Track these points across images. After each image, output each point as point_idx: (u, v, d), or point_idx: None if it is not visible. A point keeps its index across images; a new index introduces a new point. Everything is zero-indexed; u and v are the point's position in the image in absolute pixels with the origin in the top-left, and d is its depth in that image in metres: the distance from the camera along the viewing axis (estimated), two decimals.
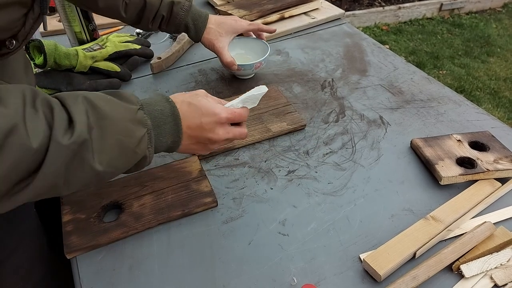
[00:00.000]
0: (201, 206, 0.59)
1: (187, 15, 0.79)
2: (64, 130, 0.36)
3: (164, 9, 0.78)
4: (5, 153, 0.32)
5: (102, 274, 0.52)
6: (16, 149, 0.33)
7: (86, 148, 0.38)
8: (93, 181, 0.41)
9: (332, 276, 0.52)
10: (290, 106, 0.78)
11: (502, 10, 3.41)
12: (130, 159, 0.43)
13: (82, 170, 0.38)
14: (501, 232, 0.55)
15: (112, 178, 0.44)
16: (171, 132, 0.48)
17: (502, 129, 0.74)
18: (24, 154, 0.34)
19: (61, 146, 0.35)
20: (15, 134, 0.33)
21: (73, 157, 0.37)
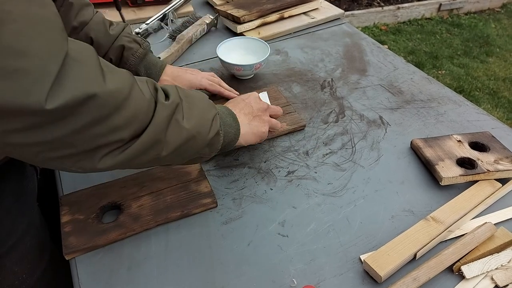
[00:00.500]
0: (201, 207, 0.59)
1: (139, 63, 0.74)
2: (163, 96, 0.45)
3: (113, 52, 0.72)
4: (130, 101, 0.40)
5: (100, 275, 0.52)
6: (137, 98, 0.41)
7: (178, 111, 0.46)
8: (183, 144, 0.47)
9: (332, 277, 0.52)
10: (290, 106, 0.78)
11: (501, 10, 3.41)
12: (209, 130, 0.50)
13: (176, 129, 0.46)
14: (502, 233, 0.55)
15: (194, 149, 0.50)
16: (231, 124, 0.57)
17: (502, 130, 0.74)
18: (141, 103, 0.42)
19: (164, 104, 0.44)
20: (134, 88, 0.41)
21: (171, 116, 0.45)
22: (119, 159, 0.42)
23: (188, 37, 0.99)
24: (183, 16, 1.14)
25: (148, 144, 0.43)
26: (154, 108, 0.43)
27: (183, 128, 0.46)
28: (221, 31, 1.09)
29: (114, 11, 1.12)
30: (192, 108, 0.49)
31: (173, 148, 0.46)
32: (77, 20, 0.69)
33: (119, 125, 0.39)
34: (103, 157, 0.40)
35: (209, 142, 0.51)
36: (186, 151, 0.49)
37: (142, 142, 0.42)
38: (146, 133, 0.42)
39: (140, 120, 0.42)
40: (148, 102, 0.43)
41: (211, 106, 0.53)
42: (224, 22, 1.09)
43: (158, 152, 0.45)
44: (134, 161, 0.43)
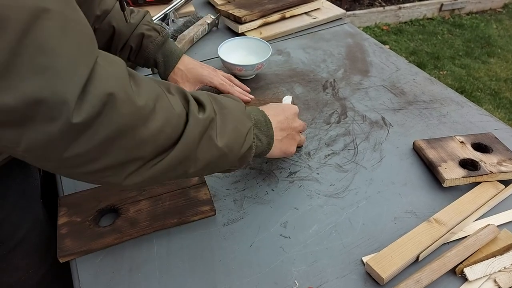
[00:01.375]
0: (198, 214, 0.58)
1: (158, 50, 0.76)
2: (197, 109, 0.43)
3: (134, 40, 0.74)
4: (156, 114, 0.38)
5: (101, 277, 0.52)
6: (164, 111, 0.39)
7: (212, 127, 0.44)
8: (213, 161, 0.45)
9: (335, 279, 0.51)
10: None
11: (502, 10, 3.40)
12: (241, 146, 0.48)
13: (208, 146, 0.43)
14: (505, 235, 0.55)
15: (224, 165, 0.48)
16: (266, 134, 0.54)
17: (505, 131, 0.73)
18: (169, 116, 0.39)
19: (198, 119, 0.42)
20: (162, 100, 0.39)
21: (204, 131, 0.43)
22: (145, 176, 0.40)
23: (189, 37, 0.99)
24: (184, 16, 1.14)
25: (177, 161, 0.41)
26: (185, 122, 0.41)
27: (215, 146, 0.44)
28: (222, 31, 1.09)
29: None
30: (226, 122, 0.46)
31: (203, 165, 0.44)
32: (100, 8, 0.70)
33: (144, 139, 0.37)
34: (129, 175, 0.39)
35: (241, 157, 0.49)
36: (216, 168, 0.47)
37: (172, 158, 0.40)
38: (176, 149, 0.40)
39: (167, 134, 0.39)
40: (177, 116, 0.40)
41: (246, 118, 0.50)
42: (226, 22, 1.09)
43: (186, 169, 0.43)
44: (161, 177, 0.42)
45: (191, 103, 0.43)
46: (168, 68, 0.77)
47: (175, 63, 0.77)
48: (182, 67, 0.78)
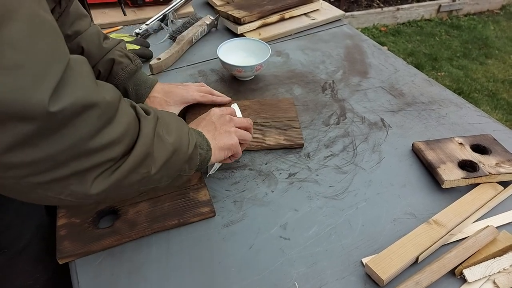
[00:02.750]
0: (198, 216, 0.58)
1: (129, 79, 0.71)
2: (142, 112, 0.45)
3: (103, 65, 0.69)
4: (121, 114, 0.39)
5: (100, 279, 0.51)
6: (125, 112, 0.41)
7: (159, 125, 0.46)
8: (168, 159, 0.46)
9: (334, 281, 0.51)
10: (296, 122, 0.74)
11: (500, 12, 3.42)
12: (188, 143, 0.50)
13: (161, 144, 0.45)
14: (504, 237, 0.55)
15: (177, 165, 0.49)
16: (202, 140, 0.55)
17: (503, 132, 0.74)
18: (130, 117, 0.41)
19: (147, 118, 0.44)
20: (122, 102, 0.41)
21: (154, 129, 0.45)
22: (111, 180, 0.39)
23: (189, 38, 0.99)
24: (183, 16, 1.14)
25: (139, 160, 0.42)
26: (139, 123, 0.43)
27: (167, 142, 0.46)
28: (221, 32, 1.09)
29: (113, 11, 1.12)
30: (169, 124, 0.48)
31: (161, 164, 0.45)
32: (72, 29, 0.67)
33: (113, 140, 0.38)
34: (95, 179, 0.38)
35: (189, 156, 0.50)
36: (171, 167, 0.48)
37: (134, 157, 0.41)
38: (136, 148, 0.41)
39: (131, 134, 0.41)
40: (134, 116, 0.43)
41: (183, 122, 0.52)
42: (225, 23, 1.09)
43: (148, 169, 0.44)
44: (125, 181, 0.41)
45: (137, 107, 0.45)
46: (140, 97, 0.73)
47: (148, 91, 0.73)
48: (158, 94, 0.74)
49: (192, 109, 0.77)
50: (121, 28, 1.10)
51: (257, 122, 0.74)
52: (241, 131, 0.62)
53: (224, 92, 0.85)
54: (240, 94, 0.84)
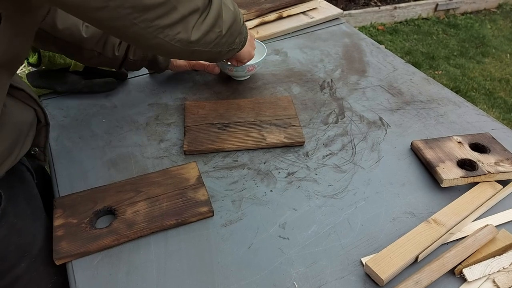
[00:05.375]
0: (196, 215, 0.58)
1: None
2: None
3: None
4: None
5: (98, 279, 0.51)
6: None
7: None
8: (231, 24, 0.58)
9: (334, 280, 0.51)
10: (296, 120, 0.74)
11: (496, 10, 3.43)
12: (240, 17, 0.62)
13: (226, 10, 0.56)
14: (503, 235, 0.55)
15: (235, 32, 0.61)
16: (244, 26, 0.65)
17: (502, 131, 0.74)
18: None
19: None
20: None
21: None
22: (202, 30, 0.52)
23: None
24: None
25: (215, 17, 0.53)
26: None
27: (229, 9, 0.57)
28: None
29: None
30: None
31: (227, 26, 0.56)
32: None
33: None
34: (193, 28, 0.51)
35: (241, 29, 0.61)
36: (232, 34, 0.59)
37: (212, 14, 0.53)
38: (213, 6, 0.53)
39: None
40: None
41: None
42: None
43: (220, 28, 0.55)
44: (207, 37, 0.54)
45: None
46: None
47: None
48: None
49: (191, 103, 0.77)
50: None
51: (256, 121, 0.74)
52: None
53: (222, 90, 0.85)
54: (238, 93, 0.84)
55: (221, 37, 0.56)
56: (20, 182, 0.58)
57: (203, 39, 0.53)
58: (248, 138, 0.71)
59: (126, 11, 0.44)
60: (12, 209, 0.54)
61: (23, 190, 0.58)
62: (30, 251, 0.56)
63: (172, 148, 0.70)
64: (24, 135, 0.54)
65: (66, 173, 0.66)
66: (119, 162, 0.68)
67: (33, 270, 0.56)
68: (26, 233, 0.55)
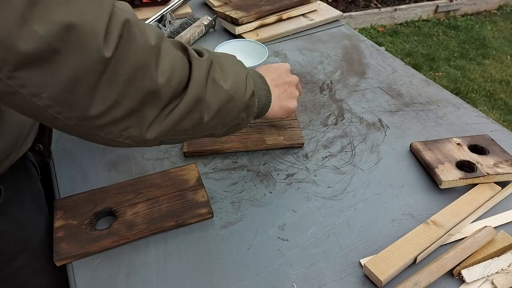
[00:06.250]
0: (196, 217, 0.58)
1: None
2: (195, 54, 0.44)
3: None
4: (163, 54, 0.38)
5: (98, 281, 0.51)
6: (169, 52, 0.39)
7: (213, 69, 0.44)
8: (223, 106, 0.45)
9: (333, 282, 0.51)
10: (296, 122, 0.74)
11: (497, 12, 3.43)
12: (245, 90, 0.48)
13: (215, 89, 0.44)
14: (502, 237, 0.55)
15: (233, 112, 0.48)
16: (262, 86, 0.54)
17: (501, 133, 0.74)
18: (175, 58, 0.40)
19: (200, 60, 0.43)
20: (165, 40, 0.39)
21: (208, 73, 0.43)
22: (165, 125, 0.40)
23: (186, 38, 0.99)
24: (181, 17, 1.14)
25: (191, 104, 0.41)
26: (189, 65, 0.42)
27: (221, 88, 0.44)
28: (219, 32, 1.09)
29: None
30: (225, 68, 0.46)
31: (215, 111, 0.44)
32: None
33: (159, 81, 0.38)
34: (151, 123, 0.39)
35: (246, 104, 0.48)
36: (227, 115, 0.47)
37: (185, 102, 0.41)
38: (188, 92, 0.41)
39: (178, 75, 0.40)
40: (181, 57, 0.41)
41: (242, 65, 0.50)
42: (222, 23, 1.08)
43: (201, 115, 0.43)
44: (178, 126, 0.42)
45: (189, 49, 0.44)
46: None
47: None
48: None
49: None
50: None
51: (256, 123, 0.74)
52: (299, 89, 0.64)
53: None
54: None
55: (202, 123, 0.44)
56: (26, 177, 0.59)
57: (171, 130, 0.41)
58: (247, 139, 0.71)
59: (44, 102, 0.33)
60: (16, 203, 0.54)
61: (29, 185, 0.59)
62: (30, 245, 0.56)
63: (172, 150, 0.71)
64: (25, 134, 0.55)
65: (66, 174, 0.66)
66: (119, 164, 0.68)
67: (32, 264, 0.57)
68: (28, 227, 0.56)
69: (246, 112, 0.50)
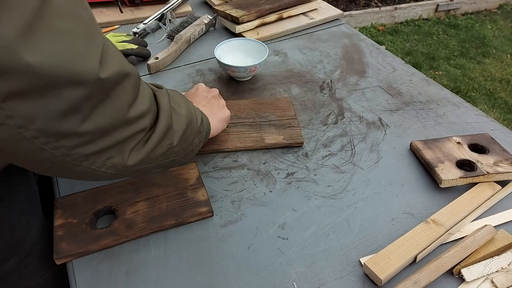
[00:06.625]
0: (196, 215, 0.58)
1: None
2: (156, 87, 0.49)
3: None
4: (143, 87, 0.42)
5: (98, 280, 0.51)
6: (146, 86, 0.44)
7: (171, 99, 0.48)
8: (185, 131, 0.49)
9: (333, 280, 0.51)
10: (295, 121, 0.74)
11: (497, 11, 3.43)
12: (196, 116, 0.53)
13: (177, 117, 0.48)
14: (502, 236, 0.55)
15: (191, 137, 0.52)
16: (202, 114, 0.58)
17: (501, 131, 0.74)
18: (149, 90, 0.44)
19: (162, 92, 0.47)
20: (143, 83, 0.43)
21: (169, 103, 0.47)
22: (144, 152, 0.43)
23: (186, 37, 0.99)
24: (181, 16, 1.14)
25: (163, 131, 0.45)
26: (155, 97, 0.45)
27: (181, 114, 0.49)
28: (219, 31, 1.09)
29: (111, 10, 1.11)
30: (176, 98, 0.51)
31: (180, 135, 0.48)
32: None
33: (143, 111, 0.41)
34: (131, 151, 0.41)
35: (198, 129, 0.54)
36: (187, 140, 0.51)
37: (159, 130, 0.44)
38: (160, 121, 0.44)
39: (154, 106, 0.44)
40: (151, 90, 0.45)
41: (186, 98, 0.55)
42: (223, 22, 1.08)
43: (171, 141, 0.47)
44: (153, 153, 0.44)
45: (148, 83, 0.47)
46: None
47: None
48: None
49: None
50: (118, 27, 1.09)
51: (256, 121, 0.74)
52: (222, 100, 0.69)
53: (222, 91, 0.85)
54: (238, 94, 0.84)
55: (171, 148, 0.47)
56: (20, 178, 0.59)
57: (148, 158, 0.44)
58: (247, 138, 0.71)
59: (31, 134, 0.32)
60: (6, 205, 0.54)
61: (23, 186, 0.59)
62: (22, 247, 0.56)
63: None
64: None
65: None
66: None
67: (23, 266, 0.57)
68: (19, 229, 0.56)
69: (198, 138, 0.55)
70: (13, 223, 0.55)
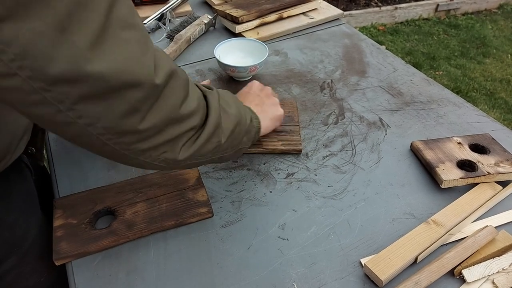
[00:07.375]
0: (196, 216, 0.58)
1: None
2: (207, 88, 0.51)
3: None
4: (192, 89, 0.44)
5: (98, 280, 0.51)
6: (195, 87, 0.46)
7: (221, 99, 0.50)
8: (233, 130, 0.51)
9: (333, 281, 0.51)
10: (297, 127, 0.73)
11: (497, 11, 3.43)
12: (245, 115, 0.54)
13: (226, 116, 0.50)
14: (503, 236, 0.55)
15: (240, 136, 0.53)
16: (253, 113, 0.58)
17: (502, 132, 0.74)
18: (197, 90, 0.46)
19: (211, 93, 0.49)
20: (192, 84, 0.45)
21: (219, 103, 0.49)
22: (193, 148, 0.45)
23: (186, 37, 0.98)
24: (181, 15, 1.13)
25: (212, 129, 0.47)
26: (205, 98, 0.48)
27: (230, 114, 0.50)
28: (219, 31, 1.08)
29: None
30: (226, 98, 0.52)
31: (228, 133, 0.50)
32: None
33: (192, 110, 0.43)
34: (182, 147, 0.44)
35: (247, 129, 0.54)
36: (235, 138, 0.52)
37: (209, 127, 0.46)
38: (209, 119, 0.46)
39: (202, 107, 0.46)
40: (200, 91, 0.47)
41: (237, 98, 0.56)
42: (223, 22, 1.08)
43: (219, 138, 0.48)
44: (203, 149, 0.46)
45: (199, 85, 0.49)
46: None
47: None
48: None
49: None
50: None
51: None
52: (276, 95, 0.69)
53: None
54: None
55: (220, 146, 0.49)
56: (18, 178, 0.59)
57: (197, 154, 0.46)
58: None
59: (97, 131, 0.36)
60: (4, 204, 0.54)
61: (20, 186, 0.59)
62: (21, 246, 0.56)
63: None
64: (18, 138, 0.55)
65: (66, 174, 0.66)
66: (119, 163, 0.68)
67: (22, 266, 0.57)
68: (18, 228, 0.56)
69: (247, 136, 0.55)
70: (11, 222, 0.55)
